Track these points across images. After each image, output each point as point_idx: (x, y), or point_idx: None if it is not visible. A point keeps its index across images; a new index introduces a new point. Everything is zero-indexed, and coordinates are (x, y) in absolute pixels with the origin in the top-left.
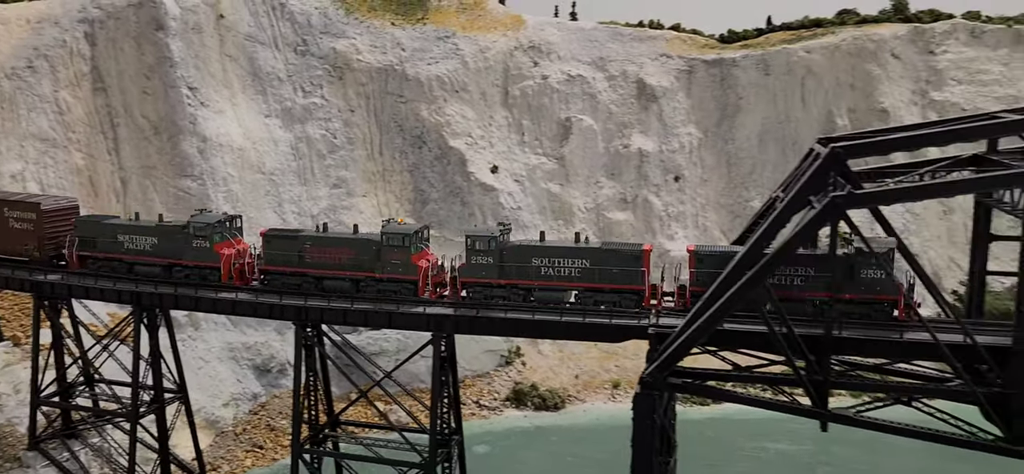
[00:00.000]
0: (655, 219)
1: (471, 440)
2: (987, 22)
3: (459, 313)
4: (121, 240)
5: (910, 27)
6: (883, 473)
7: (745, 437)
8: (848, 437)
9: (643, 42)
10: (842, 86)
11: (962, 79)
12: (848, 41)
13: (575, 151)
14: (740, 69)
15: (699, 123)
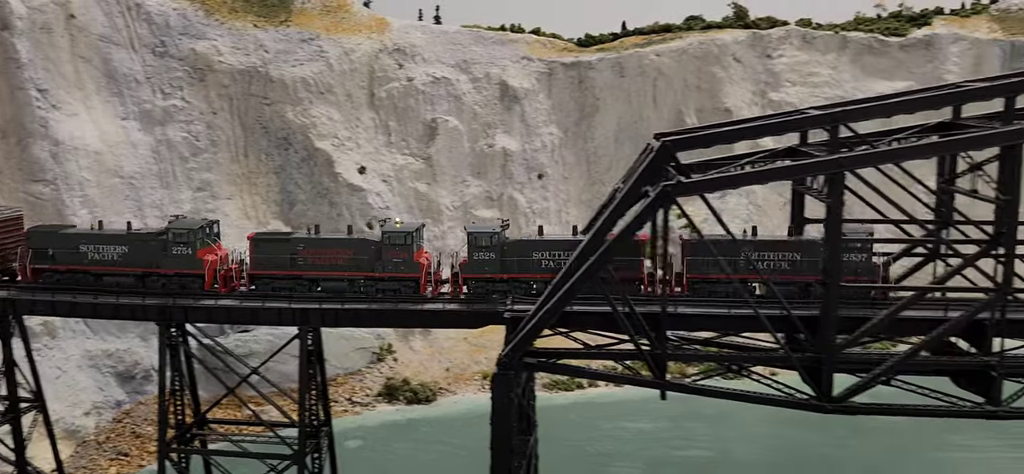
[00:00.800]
0: (520, 216)
1: (343, 435)
2: (818, 29)
3: (324, 306)
4: (84, 250)
5: (750, 33)
6: (728, 441)
7: (606, 418)
8: (700, 413)
9: (505, 45)
10: (690, 87)
11: (796, 81)
12: (694, 45)
13: (441, 151)
14: (596, 71)
15: (560, 123)
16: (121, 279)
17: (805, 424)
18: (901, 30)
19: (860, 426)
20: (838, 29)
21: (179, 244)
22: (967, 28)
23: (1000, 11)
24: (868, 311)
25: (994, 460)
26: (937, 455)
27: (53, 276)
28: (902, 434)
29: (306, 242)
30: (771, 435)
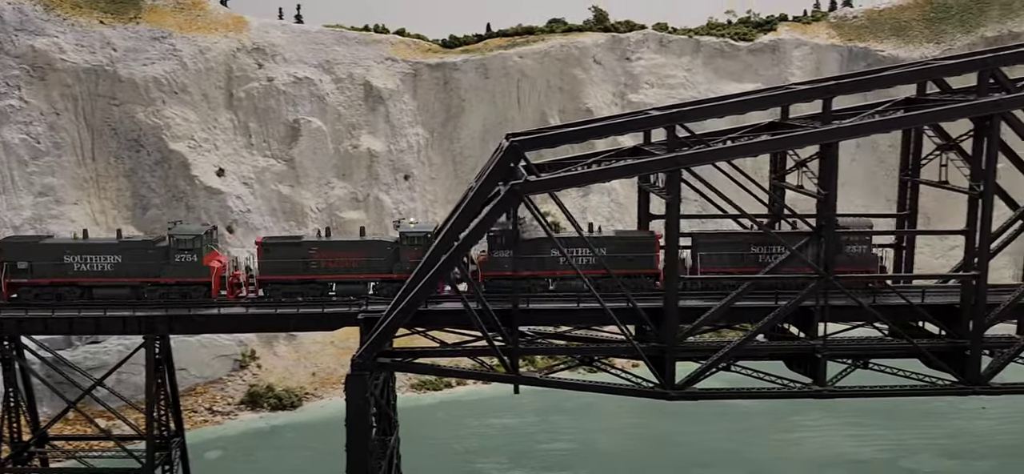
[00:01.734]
0: (387, 217)
1: (203, 446)
2: (673, 33)
3: (172, 313)
4: (70, 262)
5: (609, 36)
6: (591, 433)
7: (473, 416)
8: (565, 406)
9: (369, 46)
10: (553, 88)
11: (654, 83)
12: (556, 48)
13: (305, 152)
14: (461, 72)
15: (425, 124)
16: (114, 291)
17: (667, 413)
18: (749, 35)
19: (719, 412)
20: (692, 33)
21: (183, 251)
22: (809, 34)
23: (838, 19)
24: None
25: (832, 437)
26: (784, 436)
27: (31, 291)
28: (755, 417)
29: (319, 245)
30: (634, 425)
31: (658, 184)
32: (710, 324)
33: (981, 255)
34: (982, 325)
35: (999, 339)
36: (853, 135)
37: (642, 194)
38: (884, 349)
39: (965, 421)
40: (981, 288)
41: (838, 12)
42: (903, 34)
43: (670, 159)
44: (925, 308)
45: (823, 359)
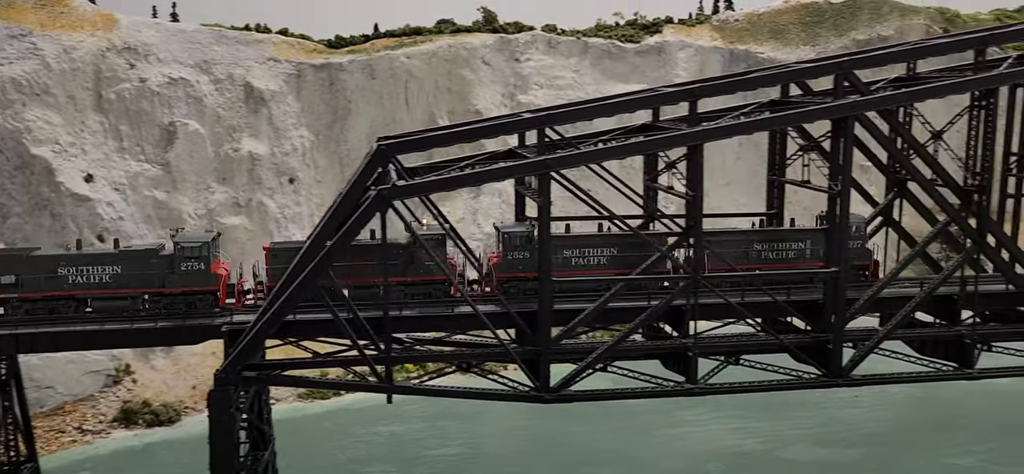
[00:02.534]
0: (271, 222)
1: (70, 468)
2: (562, 35)
3: (19, 332)
4: (64, 274)
5: (498, 37)
6: (481, 437)
7: (361, 424)
8: (455, 412)
9: (250, 45)
10: (441, 90)
11: (543, 84)
12: (445, 49)
13: (181, 156)
14: (348, 73)
15: (310, 126)
16: (113, 303)
17: (555, 414)
18: (636, 37)
19: (607, 411)
20: (580, 35)
21: (190, 259)
22: (693, 36)
23: (720, 22)
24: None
25: (714, 431)
26: (669, 431)
27: (20, 306)
28: (642, 415)
29: None
30: (523, 427)
31: (533, 186)
32: (586, 326)
33: (840, 252)
34: (843, 320)
35: (860, 332)
36: (718, 137)
37: (518, 197)
38: (753, 346)
39: (838, 410)
40: (841, 284)
41: (720, 15)
42: (781, 37)
43: (539, 162)
44: (790, 304)
45: (694, 357)
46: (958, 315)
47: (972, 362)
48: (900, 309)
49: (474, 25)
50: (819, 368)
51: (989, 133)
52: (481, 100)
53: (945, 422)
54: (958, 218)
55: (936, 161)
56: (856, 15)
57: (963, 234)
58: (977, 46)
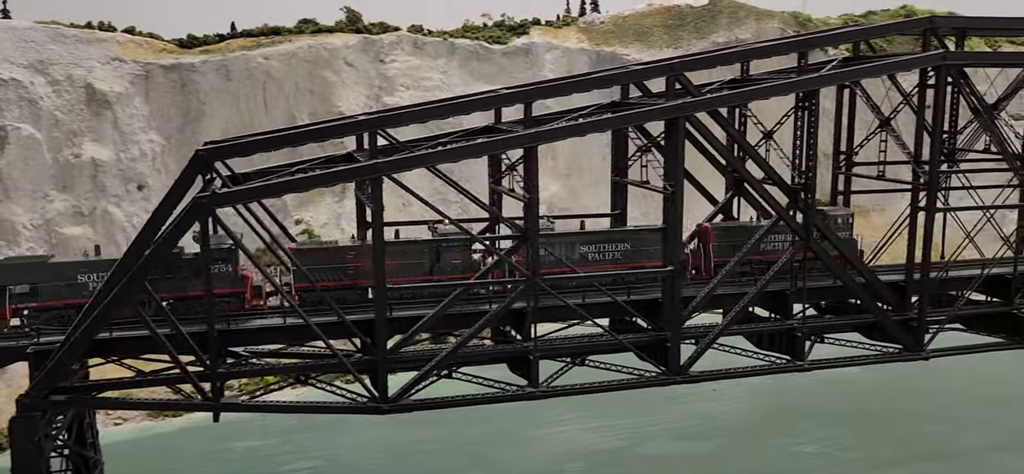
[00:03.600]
0: (118, 231)
1: None
2: (429, 35)
3: None
4: (84, 281)
5: (361, 38)
6: (339, 448)
7: (214, 441)
8: (313, 423)
9: (92, 45)
10: (302, 91)
11: (409, 85)
12: (305, 49)
13: (15, 163)
14: (200, 74)
15: (161, 129)
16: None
17: (415, 422)
18: (503, 39)
19: (468, 416)
20: (447, 36)
21: (218, 261)
22: (560, 38)
23: (587, 24)
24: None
25: (577, 430)
26: (533, 433)
27: (38, 315)
28: (507, 418)
29: (357, 250)
30: (383, 437)
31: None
32: (427, 331)
33: (675, 251)
34: (679, 318)
35: (698, 329)
36: (551, 139)
37: (358, 203)
38: (596, 347)
39: (698, 404)
40: (676, 283)
41: (587, 18)
42: (645, 39)
43: (370, 166)
44: (630, 304)
45: (535, 360)
46: (790, 309)
47: (803, 354)
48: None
49: (337, 25)
50: (659, 366)
51: (812, 133)
52: (345, 102)
53: (795, 411)
54: (785, 216)
55: (765, 161)
56: (716, 19)
57: (791, 231)
58: (799, 49)
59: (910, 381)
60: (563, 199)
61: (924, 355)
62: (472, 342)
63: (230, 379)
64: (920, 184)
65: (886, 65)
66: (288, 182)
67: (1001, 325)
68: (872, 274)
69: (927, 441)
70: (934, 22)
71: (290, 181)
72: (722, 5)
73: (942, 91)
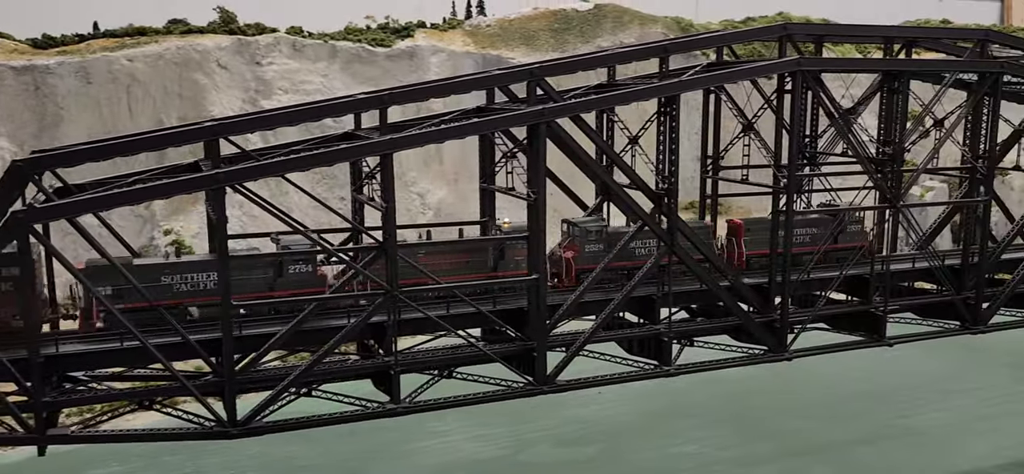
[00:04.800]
0: None
1: None
2: (309, 37)
3: None
4: (168, 282)
5: (235, 39)
6: (203, 469)
7: (70, 470)
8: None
9: None
10: (171, 95)
11: (288, 89)
12: (173, 50)
13: None
14: (57, 77)
15: (13, 136)
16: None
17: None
18: (387, 41)
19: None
20: (328, 38)
21: (297, 262)
22: (445, 41)
23: (472, 27)
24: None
25: (459, 440)
26: (414, 445)
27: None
28: (387, 432)
29: (426, 248)
30: (256, 455)
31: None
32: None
33: (538, 259)
34: (544, 327)
35: (565, 337)
36: (407, 145)
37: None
38: (460, 359)
39: (581, 408)
40: (541, 291)
41: (473, 21)
42: (531, 42)
43: (210, 177)
44: (497, 314)
45: (396, 375)
46: (658, 314)
47: (670, 359)
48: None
49: (209, 26)
50: (525, 377)
51: (674, 138)
52: (218, 106)
53: (676, 413)
54: (650, 221)
55: (629, 166)
56: (601, 23)
57: (656, 237)
58: (660, 55)
59: (784, 377)
60: (451, 204)
61: (787, 356)
62: (333, 358)
63: (60, 408)
64: (780, 187)
65: (745, 71)
66: (119, 194)
67: (861, 323)
68: (736, 277)
69: (798, 437)
70: (789, 29)
71: (121, 193)
72: (607, 10)
73: (798, 96)
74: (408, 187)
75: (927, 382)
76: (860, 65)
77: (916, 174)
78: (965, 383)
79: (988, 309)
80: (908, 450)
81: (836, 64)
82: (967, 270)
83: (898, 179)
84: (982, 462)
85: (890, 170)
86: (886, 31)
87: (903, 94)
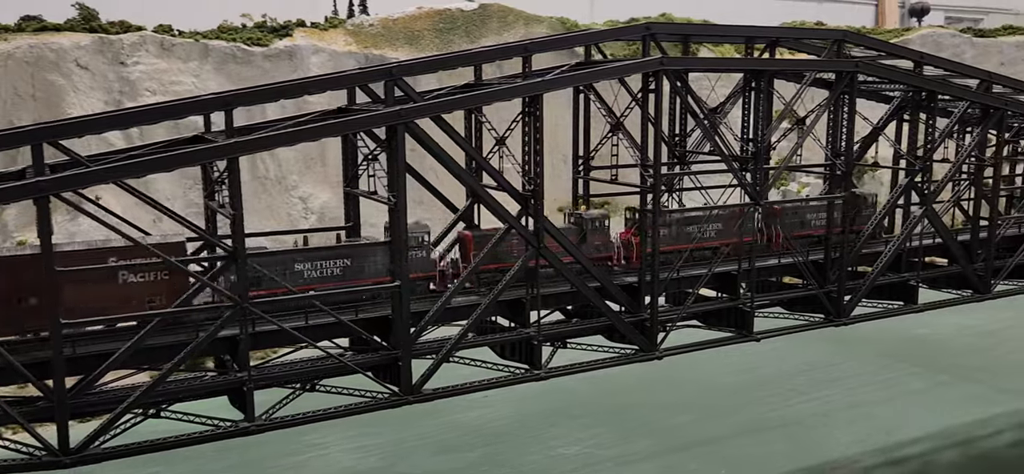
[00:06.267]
0: None
1: None
2: (178, 36)
3: None
4: (300, 269)
5: (96, 38)
6: None
7: None
8: None
9: None
10: (24, 97)
11: (156, 90)
12: (24, 49)
13: None
14: None
15: None
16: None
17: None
18: (264, 41)
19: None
20: (200, 37)
21: (413, 248)
22: (326, 41)
23: (355, 26)
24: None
25: (338, 452)
26: (289, 460)
27: None
28: (267, 445)
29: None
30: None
31: None
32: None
33: (401, 265)
34: (408, 336)
35: (431, 344)
36: (258, 148)
37: None
38: (322, 371)
39: (464, 413)
40: (404, 298)
41: (355, 20)
42: (416, 42)
43: (32, 185)
44: (359, 323)
45: (249, 392)
46: (528, 317)
47: (540, 363)
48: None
49: (67, 23)
50: (390, 387)
51: (538, 139)
52: (78, 108)
53: (559, 413)
54: (516, 224)
55: (493, 168)
56: (486, 23)
57: (524, 240)
58: (521, 54)
59: (666, 374)
60: (335, 207)
61: (657, 355)
62: (182, 375)
63: None
64: (647, 186)
65: (608, 70)
66: None
67: (731, 319)
68: (605, 277)
69: (679, 432)
70: (652, 28)
71: None
72: (492, 9)
73: (661, 95)
74: (289, 191)
75: (802, 372)
76: (723, 65)
77: (779, 172)
78: (836, 373)
79: (850, 301)
80: (784, 441)
81: (699, 63)
82: (830, 264)
83: (763, 177)
84: (849, 450)
85: (754, 168)
86: (748, 31)
87: (766, 93)
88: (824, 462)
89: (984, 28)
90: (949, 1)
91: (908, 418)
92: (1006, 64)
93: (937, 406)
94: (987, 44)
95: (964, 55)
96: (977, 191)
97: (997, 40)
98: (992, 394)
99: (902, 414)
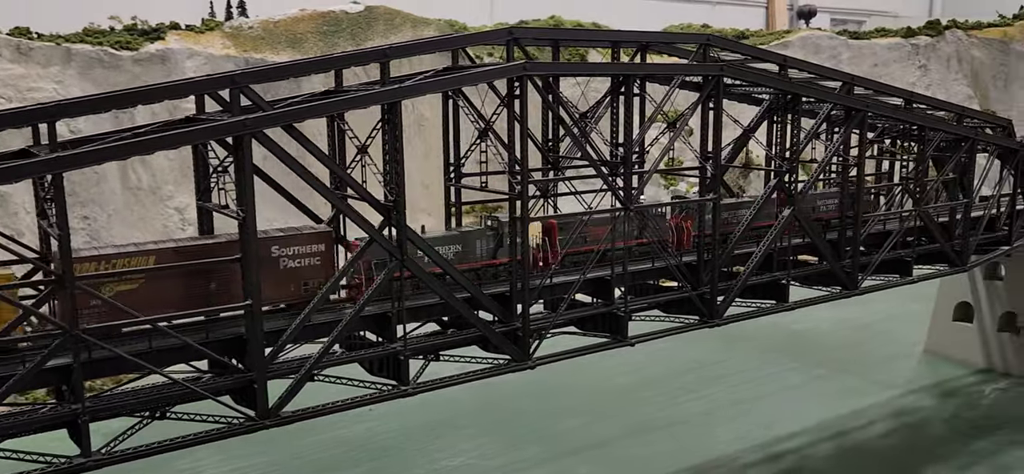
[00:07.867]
0: None
1: None
2: (37, 39)
3: None
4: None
5: None
6: None
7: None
8: None
9: None
10: None
11: (12, 97)
12: None
13: None
14: None
15: None
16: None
17: None
18: (134, 44)
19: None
20: (61, 40)
21: (509, 234)
22: (202, 44)
23: (233, 29)
24: None
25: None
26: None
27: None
28: (204, 459)
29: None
30: None
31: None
32: None
33: (252, 283)
34: (263, 357)
35: (290, 363)
36: (84, 163)
37: None
38: (171, 397)
39: (346, 429)
40: (257, 319)
41: (234, 22)
42: (298, 45)
43: None
44: (209, 345)
45: (84, 424)
46: (394, 333)
47: (407, 378)
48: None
49: None
50: (247, 411)
51: (398, 148)
52: None
53: (445, 424)
54: (377, 236)
55: (353, 179)
56: (372, 25)
57: (386, 251)
58: (380, 59)
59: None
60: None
61: (530, 365)
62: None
63: None
64: (516, 194)
65: (472, 75)
66: None
67: (606, 325)
68: (475, 287)
69: (567, 437)
70: (515, 33)
71: None
72: (378, 12)
73: (526, 100)
74: (164, 201)
75: (689, 370)
76: (589, 69)
77: (648, 175)
78: (721, 370)
79: (723, 302)
80: (669, 441)
81: (564, 68)
82: (703, 266)
83: (634, 181)
84: (730, 447)
85: (623, 173)
86: (616, 35)
87: (637, 97)
88: (705, 461)
89: (859, 31)
90: (835, 4)
91: (786, 412)
92: (879, 65)
93: (814, 400)
94: (862, 46)
95: (841, 56)
96: (843, 190)
97: (871, 42)
98: (865, 386)
99: (781, 409)
